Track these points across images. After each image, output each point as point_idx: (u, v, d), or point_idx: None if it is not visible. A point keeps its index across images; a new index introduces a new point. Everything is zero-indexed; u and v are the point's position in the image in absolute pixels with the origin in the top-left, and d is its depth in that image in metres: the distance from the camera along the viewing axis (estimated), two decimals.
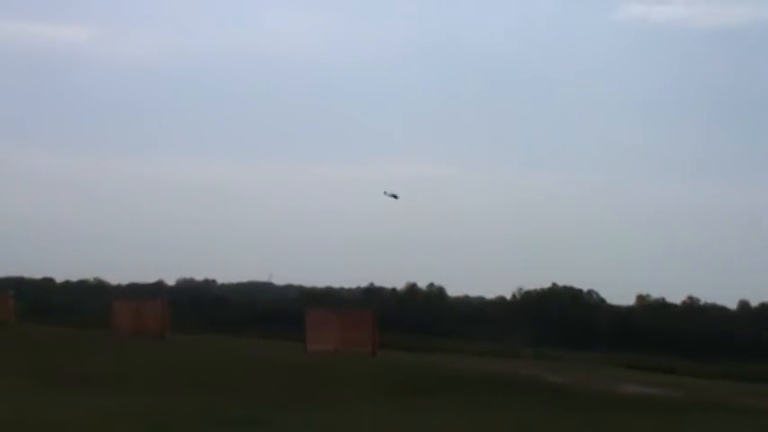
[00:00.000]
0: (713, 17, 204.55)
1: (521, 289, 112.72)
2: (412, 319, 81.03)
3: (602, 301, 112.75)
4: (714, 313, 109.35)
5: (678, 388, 28.06)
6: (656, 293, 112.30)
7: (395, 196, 51.09)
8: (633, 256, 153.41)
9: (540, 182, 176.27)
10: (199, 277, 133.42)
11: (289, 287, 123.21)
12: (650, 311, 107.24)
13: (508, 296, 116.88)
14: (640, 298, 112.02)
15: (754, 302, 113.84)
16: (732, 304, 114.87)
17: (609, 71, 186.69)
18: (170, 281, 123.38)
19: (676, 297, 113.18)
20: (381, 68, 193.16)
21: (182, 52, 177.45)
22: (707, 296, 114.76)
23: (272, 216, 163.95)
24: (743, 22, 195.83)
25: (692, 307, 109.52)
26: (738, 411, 21.78)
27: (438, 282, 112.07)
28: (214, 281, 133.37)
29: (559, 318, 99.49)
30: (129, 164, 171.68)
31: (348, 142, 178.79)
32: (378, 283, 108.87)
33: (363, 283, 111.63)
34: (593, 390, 25.81)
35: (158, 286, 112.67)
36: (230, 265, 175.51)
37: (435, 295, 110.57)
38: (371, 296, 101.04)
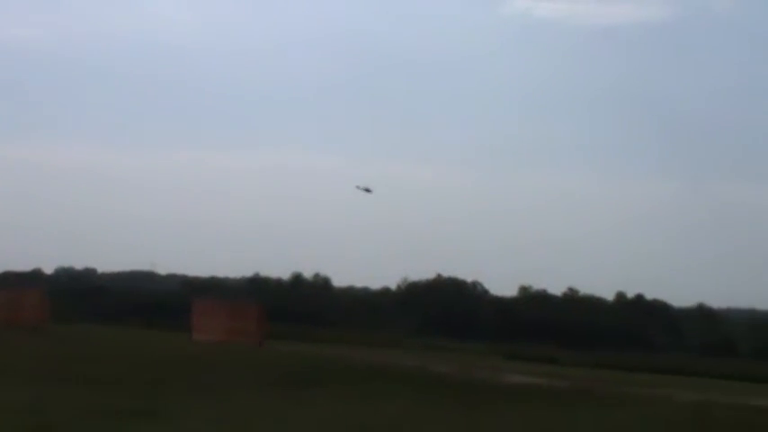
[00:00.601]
0: (596, 15, 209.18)
1: (405, 280, 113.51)
2: (298, 310, 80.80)
3: (486, 292, 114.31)
4: (592, 304, 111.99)
5: (562, 377, 28.72)
6: (537, 285, 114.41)
7: (368, 190, 50.64)
8: (516, 247, 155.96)
9: (424, 173, 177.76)
10: (78, 266, 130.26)
11: (172, 276, 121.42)
12: (532, 302, 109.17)
13: (393, 287, 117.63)
14: (523, 289, 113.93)
15: (630, 294, 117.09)
16: (609, 296, 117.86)
17: (493, 64, 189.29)
18: (48, 269, 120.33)
19: (557, 288, 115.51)
20: (270, 56, 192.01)
21: (68, 34, 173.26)
22: (586, 287, 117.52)
23: (154, 204, 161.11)
24: (625, 20, 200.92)
25: (571, 298, 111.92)
26: (619, 400, 22.40)
27: (323, 272, 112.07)
28: (94, 270, 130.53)
29: (444, 308, 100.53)
30: (7, 147, 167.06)
31: (234, 130, 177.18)
32: (263, 273, 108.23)
33: (248, 273, 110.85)
34: (478, 379, 26.22)
35: (36, 275, 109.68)
36: (111, 254, 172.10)
37: (321, 285, 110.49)
38: (257, 286, 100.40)
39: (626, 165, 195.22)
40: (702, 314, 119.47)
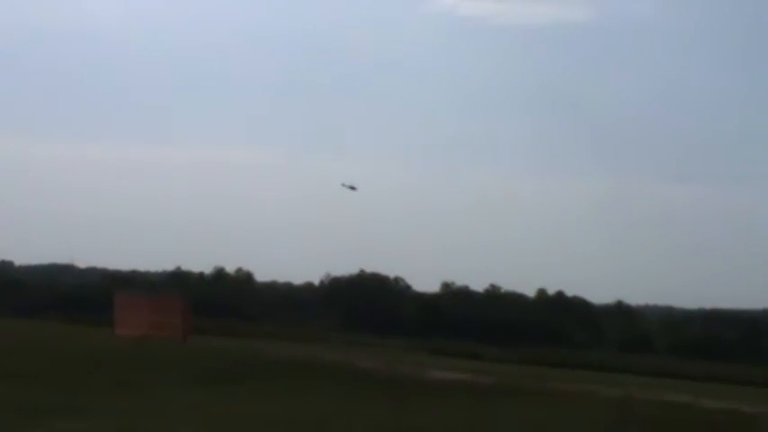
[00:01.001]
0: (521, 15, 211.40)
1: (328, 275, 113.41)
2: (220, 304, 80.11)
3: (408, 287, 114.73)
4: (514, 301, 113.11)
5: (486, 373, 28.89)
6: (460, 281, 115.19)
7: (353, 188, 51.24)
8: (439, 243, 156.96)
9: (351, 171, 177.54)
10: None
11: (92, 270, 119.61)
12: (454, 298, 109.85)
13: (316, 282, 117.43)
14: (445, 285, 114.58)
15: (551, 291, 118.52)
16: (531, 293, 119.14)
17: (416, 63, 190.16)
18: None
19: (479, 285, 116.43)
20: (195, 52, 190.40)
21: None
22: (508, 284, 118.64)
23: (73, 196, 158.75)
24: (548, 21, 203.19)
25: (493, 295, 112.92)
26: (544, 396, 22.61)
27: (246, 267, 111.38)
28: (11, 263, 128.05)
29: (367, 304, 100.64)
30: None
31: (156, 124, 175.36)
32: (185, 267, 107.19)
33: (170, 267, 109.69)
34: (401, 375, 26.23)
35: None
36: (29, 247, 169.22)
37: (243, 280, 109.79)
38: (178, 280, 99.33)
39: (547, 164, 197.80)
40: (621, 311, 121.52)
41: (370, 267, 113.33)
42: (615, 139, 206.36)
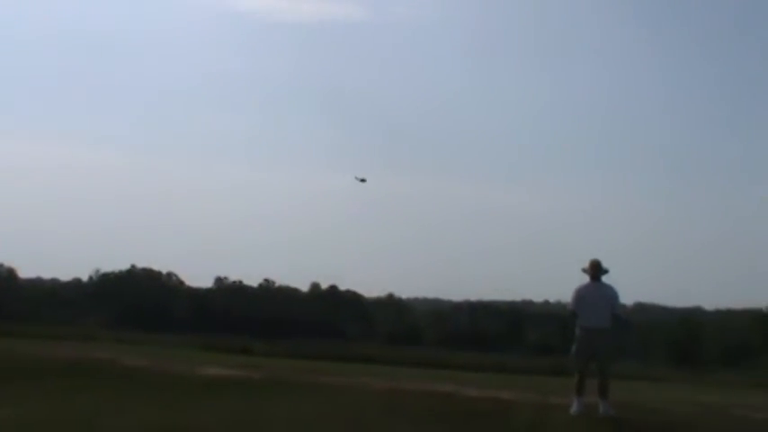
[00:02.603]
0: (283, 11, 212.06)
1: (98, 271, 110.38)
2: None
3: (182, 283, 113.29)
4: (287, 295, 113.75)
5: (256, 368, 28.90)
6: (233, 276, 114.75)
7: (363, 180, 52.57)
8: (212, 240, 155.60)
9: (121, 166, 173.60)
10: None
11: None
12: (227, 293, 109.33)
13: (84, 278, 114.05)
14: (218, 280, 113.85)
15: (324, 285, 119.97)
16: (304, 287, 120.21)
17: (189, 55, 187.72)
18: None
19: (253, 280, 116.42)
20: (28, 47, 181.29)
21: None
22: (281, 279, 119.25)
23: None
24: (312, 18, 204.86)
25: (267, 289, 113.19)
26: (314, 389, 22.88)
27: (7, 263, 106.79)
28: None
29: (138, 300, 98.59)
30: None
31: None
32: None
33: None
34: (170, 372, 25.88)
35: None
36: None
37: (5, 277, 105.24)
38: None
39: (312, 160, 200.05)
40: (392, 304, 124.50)
41: (143, 263, 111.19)
42: (381, 135, 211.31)
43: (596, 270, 19.30)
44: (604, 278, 19.46)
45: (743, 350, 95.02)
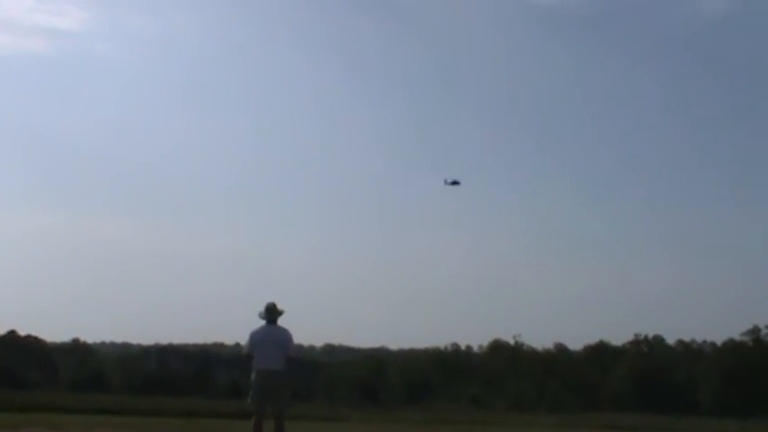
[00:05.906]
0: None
1: None
2: None
3: None
4: None
5: None
6: None
7: (456, 183, 50.99)
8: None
9: None
10: None
11: None
12: None
13: None
14: None
15: (2, 330, 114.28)
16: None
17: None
18: None
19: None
20: None
21: None
22: None
23: None
24: (11, 51, 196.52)
25: None
26: None
27: None
28: None
29: None
30: None
31: None
32: None
33: None
34: None
35: None
36: None
37: None
38: None
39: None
40: (77, 348, 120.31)
41: None
42: (76, 173, 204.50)
43: (271, 313, 19.71)
44: (281, 320, 19.81)
45: (423, 387, 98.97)
